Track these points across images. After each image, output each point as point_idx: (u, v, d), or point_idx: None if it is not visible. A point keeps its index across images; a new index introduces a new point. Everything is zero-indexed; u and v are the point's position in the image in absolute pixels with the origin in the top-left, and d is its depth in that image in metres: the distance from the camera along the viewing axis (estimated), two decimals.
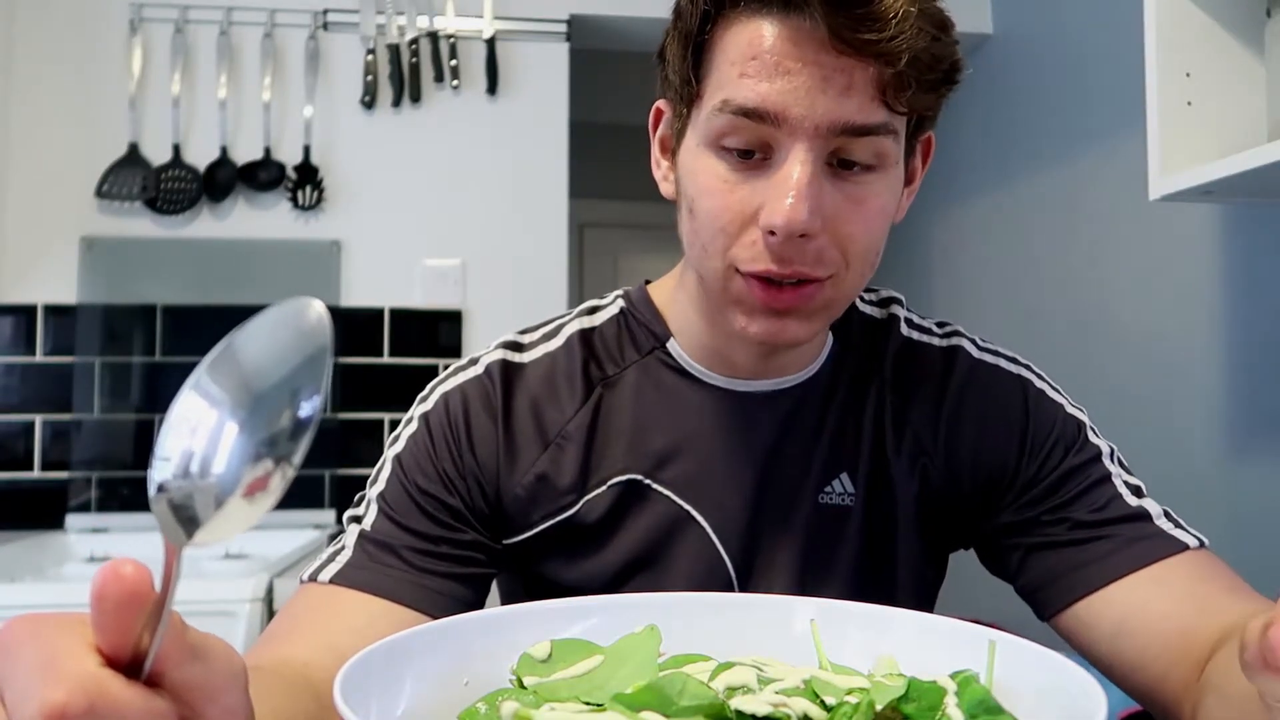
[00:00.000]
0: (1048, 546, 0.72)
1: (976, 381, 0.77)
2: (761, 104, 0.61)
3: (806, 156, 0.61)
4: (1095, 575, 0.69)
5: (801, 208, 0.60)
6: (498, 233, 2.28)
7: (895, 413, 0.76)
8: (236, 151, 2.19)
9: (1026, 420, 0.75)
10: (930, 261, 2.71)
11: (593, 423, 0.75)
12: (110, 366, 2.13)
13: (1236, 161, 1.21)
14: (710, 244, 0.65)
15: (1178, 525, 0.71)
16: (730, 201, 0.64)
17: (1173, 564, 0.68)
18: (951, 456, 0.76)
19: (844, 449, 0.76)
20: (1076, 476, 0.73)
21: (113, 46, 2.18)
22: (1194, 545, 0.69)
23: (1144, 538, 0.69)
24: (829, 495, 0.75)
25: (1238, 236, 1.59)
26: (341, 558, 0.70)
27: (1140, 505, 0.71)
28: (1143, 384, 1.79)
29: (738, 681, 0.40)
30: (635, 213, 3.75)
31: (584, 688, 0.41)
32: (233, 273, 2.18)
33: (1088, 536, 0.70)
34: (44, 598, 1.49)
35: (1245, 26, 1.36)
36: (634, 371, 0.77)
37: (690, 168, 0.67)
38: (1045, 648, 0.41)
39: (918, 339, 0.80)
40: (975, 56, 2.49)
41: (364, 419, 2.18)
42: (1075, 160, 2.03)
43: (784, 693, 0.39)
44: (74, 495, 2.09)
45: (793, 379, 0.76)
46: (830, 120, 0.60)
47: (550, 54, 2.33)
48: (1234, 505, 1.58)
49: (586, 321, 0.80)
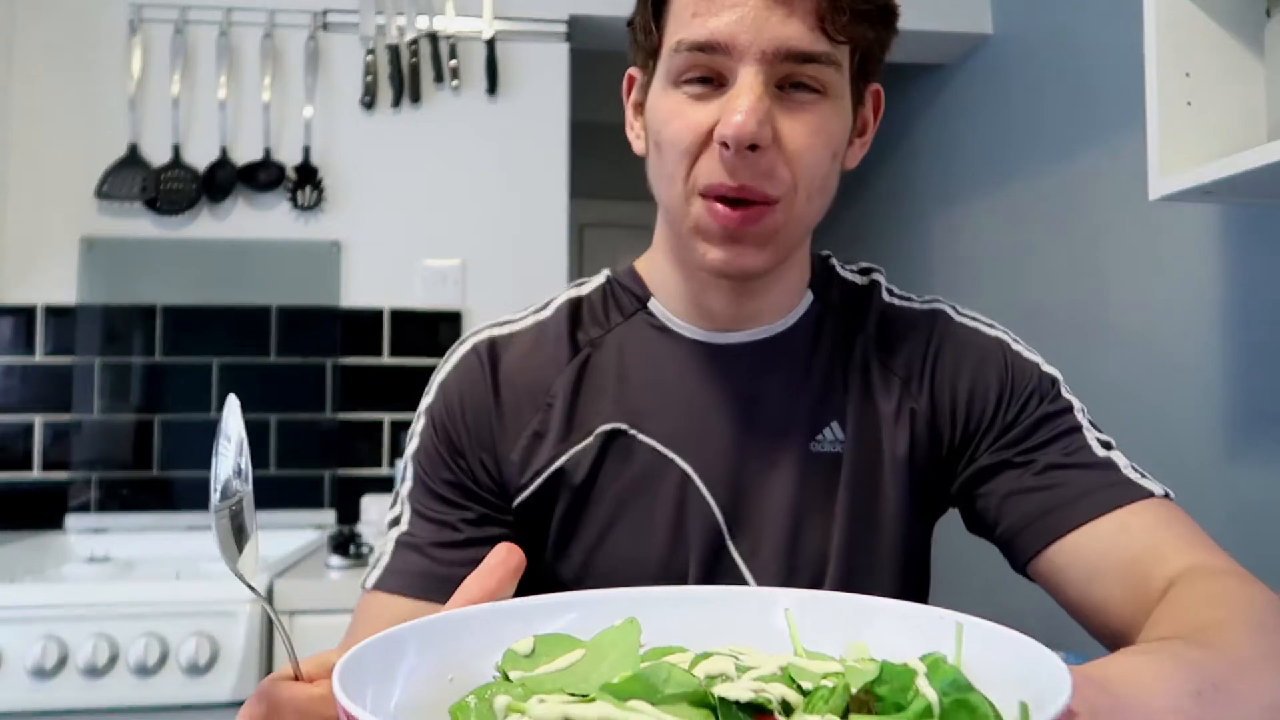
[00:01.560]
0: (1020, 491, 0.74)
1: (956, 338, 0.81)
2: (712, 37, 0.67)
3: (755, 79, 0.66)
4: (1064, 520, 0.71)
5: (750, 120, 0.65)
6: (498, 233, 2.28)
7: (881, 365, 0.80)
8: (236, 152, 2.19)
9: (1006, 373, 0.79)
10: (930, 261, 2.71)
11: (579, 380, 0.79)
12: (110, 367, 2.13)
13: (1236, 161, 1.21)
14: (675, 169, 0.71)
15: (1144, 476, 0.73)
16: (690, 123, 0.69)
17: (1137, 509, 0.70)
18: (935, 405, 0.79)
19: (833, 398, 0.79)
20: (1049, 423, 0.76)
21: (113, 46, 2.18)
22: (1159, 494, 0.72)
23: (1111, 485, 0.72)
24: (820, 443, 0.77)
25: (1238, 236, 1.59)
26: (381, 563, 0.76)
27: (1108, 456, 0.74)
28: (1143, 384, 1.79)
29: (716, 670, 0.41)
30: (635, 213, 3.74)
31: (568, 680, 0.42)
32: (233, 273, 2.18)
33: (1056, 482, 0.73)
34: (44, 598, 1.49)
35: (1245, 26, 1.36)
36: (619, 332, 0.82)
37: (655, 107, 0.73)
38: (1013, 630, 0.42)
39: (899, 304, 0.84)
40: (975, 56, 2.49)
41: (364, 419, 2.18)
42: (1075, 160, 2.03)
43: (761, 679, 0.40)
44: (74, 496, 2.09)
45: (769, 329, 0.80)
46: (775, 45, 0.66)
47: (550, 54, 2.33)
48: (1234, 505, 1.57)
49: (575, 292, 0.85)
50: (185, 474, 2.13)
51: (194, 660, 1.47)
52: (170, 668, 1.47)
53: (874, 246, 3.08)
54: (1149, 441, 1.76)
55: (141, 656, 1.45)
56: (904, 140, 2.87)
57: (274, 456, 2.15)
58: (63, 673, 1.45)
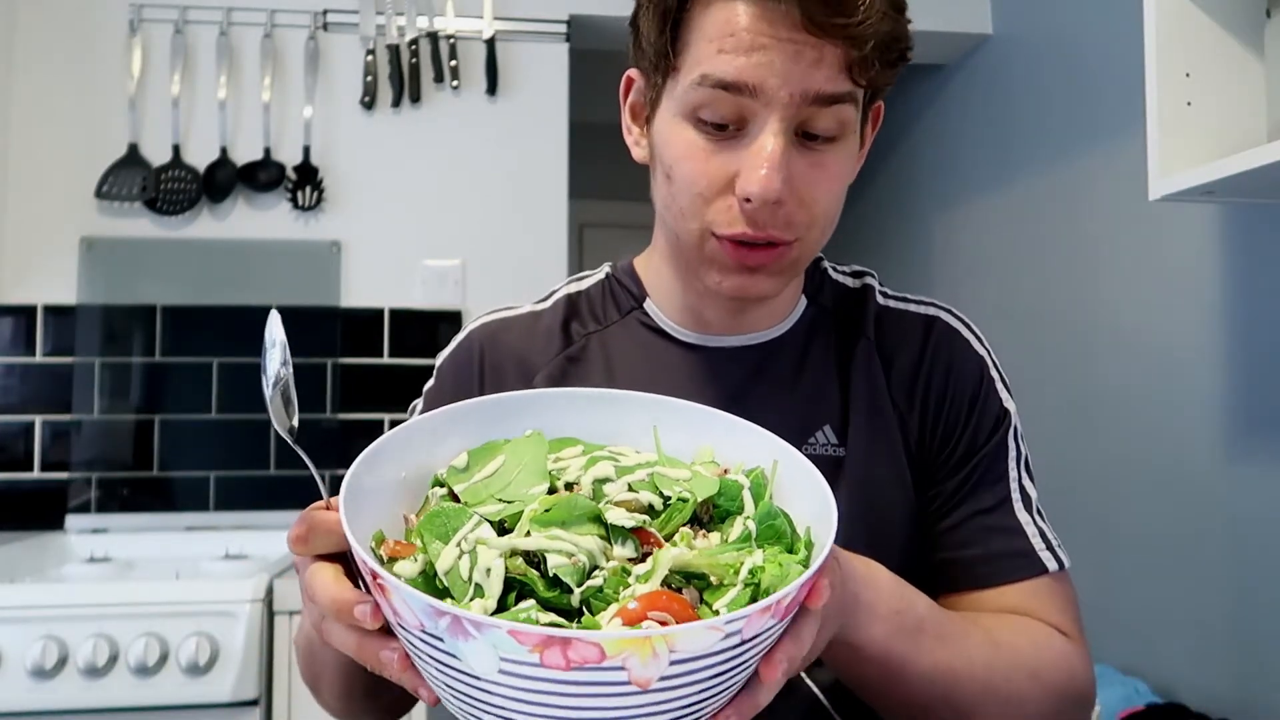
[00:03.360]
0: (944, 531, 0.78)
1: (949, 348, 0.82)
2: (739, 77, 0.65)
3: (779, 128, 0.66)
4: (965, 579, 0.77)
5: (775, 177, 0.65)
6: (498, 233, 2.28)
7: (883, 369, 0.81)
8: (236, 152, 2.19)
9: (977, 399, 0.81)
10: (930, 261, 2.71)
11: (564, 371, 0.82)
12: (110, 367, 2.13)
13: (1236, 161, 1.21)
14: (688, 208, 0.71)
15: (1047, 546, 0.77)
16: (707, 169, 0.68)
17: (1028, 587, 0.76)
18: (924, 414, 0.80)
19: (824, 403, 0.80)
20: (990, 466, 0.79)
21: (113, 46, 2.18)
22: (1053, 569, 0.77)
23: (1015, 555, 0.76)
24: (813, 446, 0.78)
25: (1238, 236, 1.59)
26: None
27: (1021, 521, 0.78)
28: (1142, 384, 1.79)
29: (601, 475, 0.55)
30: (635, 213, 3.73)
31: (496, 487, 0.55)
32: (233, 273, 2.18)
33: (971, 539, 0.77)
34: (44, 598, 1.48)
35: (1245, 27, 1.36)
36: (614, 329, 0.84)
37: (667, 136, 0.71)
38: (817, 472, 0.55)
39: (896, 306, 0.85)
40: (975, 56, 2.49)
41: (364, 419, 2.18)
42: (1075, 160, 2.03)
43: (634, 486, 0.55)
44: (74, 496, 2.09)
45: (761, 335, 0.81)
46: (803, 89, 0.65)
47: (550, 54, 2.33)
48: (1234, 505, 1.57)
49: (575, 286, 0.88)
50: (185, 474, 2.13)
51: (194, 660, 1.46)
52: (170, 668, 1.47)
53: (874, 246, 3.08)
54: (1149, 441, 1.76)
55: (141, 656, 1.45)
56: (904, 140, 2.87)
57: (273, 456, 2.15)
58: (62, 673, 1.45)
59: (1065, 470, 1.98)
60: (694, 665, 0.44)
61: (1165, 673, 1.71)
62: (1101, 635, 1.88)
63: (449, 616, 0.44)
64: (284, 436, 0.57)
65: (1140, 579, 1.79)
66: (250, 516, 2.12)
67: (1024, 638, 0.72)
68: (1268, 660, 1.50)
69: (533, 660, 0.43)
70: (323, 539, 0.52)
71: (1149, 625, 1.77)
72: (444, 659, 0.46)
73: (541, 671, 0.43)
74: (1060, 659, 0.73)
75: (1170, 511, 1.71)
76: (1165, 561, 1.72)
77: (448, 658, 0.46)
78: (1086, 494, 1.93)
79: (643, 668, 0.43)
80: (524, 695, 0.44)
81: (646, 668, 0.43)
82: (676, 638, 0.43)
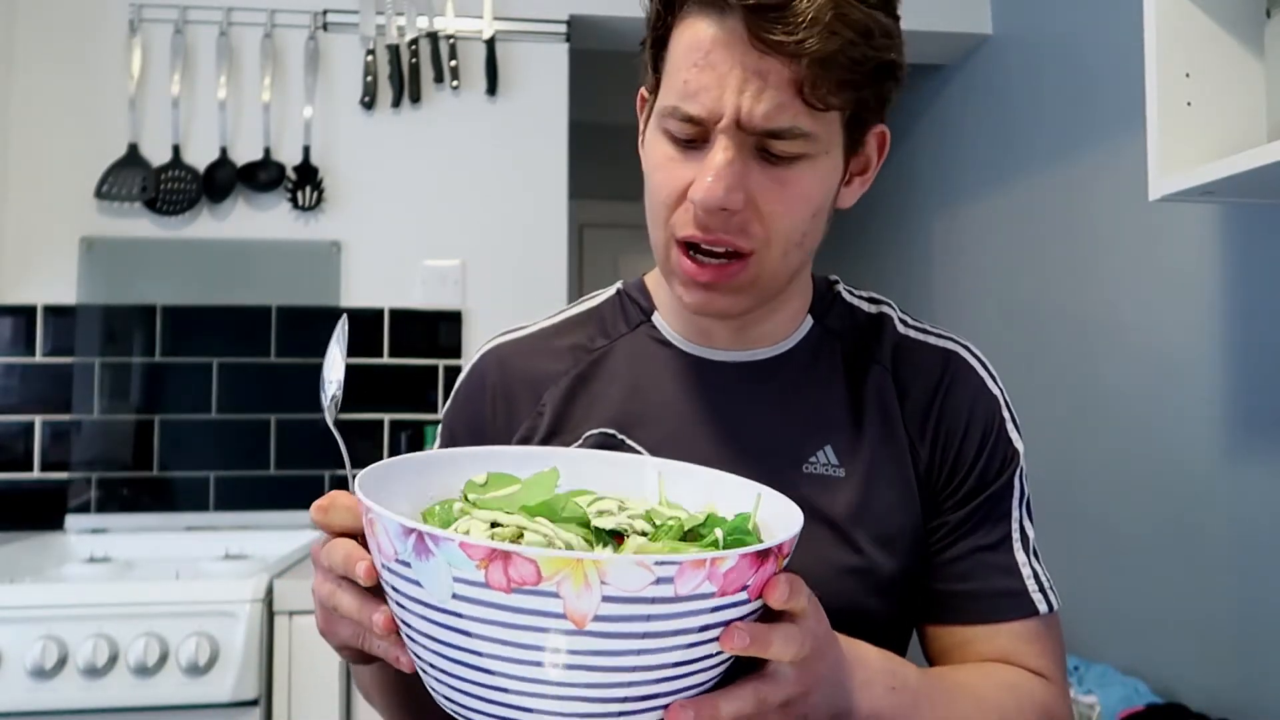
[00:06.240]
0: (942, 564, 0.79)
1: (966, 385, 0.83)
2: (688, 109, 0.69)
3: (729, 144, 0.68)
4: (958, 613, 0.79)
5: (718, 186, 0.68)
6: (498, 233, 2.28)
7: (898, 398, 0.82)
8: (236, 152, 2.19)
9: (988, 437, 0.81)
10: (930, 261, 2.71)
11: (574, 387, 0.83)
12: (110, 367, 2.13)
13: (1236, 161, 1.21)
14: (656, 215, 0.75)
15: (1040, 587, 0.79)
16: (671, 177, 0.72)
17: (1019, 628, 0.78)
18: (935, 446, 0.81)
19: (826, 423, 0.80)
20: (995, 504, 0.80)
21: (113, 47, 2.18)
22: (1043, 610, 0.78)
23: (1010, 595, 0.78)
24: (814, 465, 0.78)
25: (1238, 236, 1.59)
26: None
27: (1018, 562, 0.79)
28: (1142, 384, 1.79)
29: (604, 508, 0.60)
30: (635, 213, 3.70)
31: (505, 503, 0.59)
32: (233, 273, 2.18)
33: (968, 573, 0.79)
34: (44, 598, 1.49)
35: (1245, 27, 1.36)
36: (623, 343, 0.86)
37: (648, 149, 0.76)
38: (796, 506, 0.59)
39: (915, 335, 0.85)
40: (975, 56, 2.49)
41: (364, 419, 2.18)
42: (1075, 160, 2.03)
43: (631, 517, 0.59)
44: (74, 496, 2.09)
45: (766, 351, 0.83)
46: (745, 120, 0.67)
47: (550, 54, 2.33)
48: (1234, 505, 1.57)
49: (587, 304, 0.90)
50: (185, 474, 2.13)
51: (194, 660, 1.47)
52: (170, 668, 1.47)
53: (874, 247, 3.08)
54: (1150, 442, 1.76)
55: (141, 656, 1.45)
56: (904, 140, 2.87)
57: (274, 456, 2.15)
58: (62, 673, 1.45)
59: (1065, 470, 1.98)
60: (629, 610, 0.46)
61: (1165, 673, 1.71)
62: (1101, 635, 1.88)
63: (415, 534, 0.48)
64: (333, 431, 0.67)
65: (1140, 579, 1.79)
66: (250, 516, 2.12)
67: (1010, 697, 0.74)
68: (1268, 660, 1.50)
69: (479, 580, 0.46)
70: (341, 514, 0.58)
71: (1149, 625, 1.77)
72: (411, 591, 0.50)
73: (487, 594, 0.46)
74: (1042, 713, 0.75)
75: (1170, 511, 1.71)
76: (1165, 561, 1.72)
77: (413, 588, 0.49)
78: (1086, 494, 1.93)
79: (576, 598, 0.45)
80: (473, 628, 0.48)
81: (580, 598, 0.45)
82: (606, 566, 0.45)
